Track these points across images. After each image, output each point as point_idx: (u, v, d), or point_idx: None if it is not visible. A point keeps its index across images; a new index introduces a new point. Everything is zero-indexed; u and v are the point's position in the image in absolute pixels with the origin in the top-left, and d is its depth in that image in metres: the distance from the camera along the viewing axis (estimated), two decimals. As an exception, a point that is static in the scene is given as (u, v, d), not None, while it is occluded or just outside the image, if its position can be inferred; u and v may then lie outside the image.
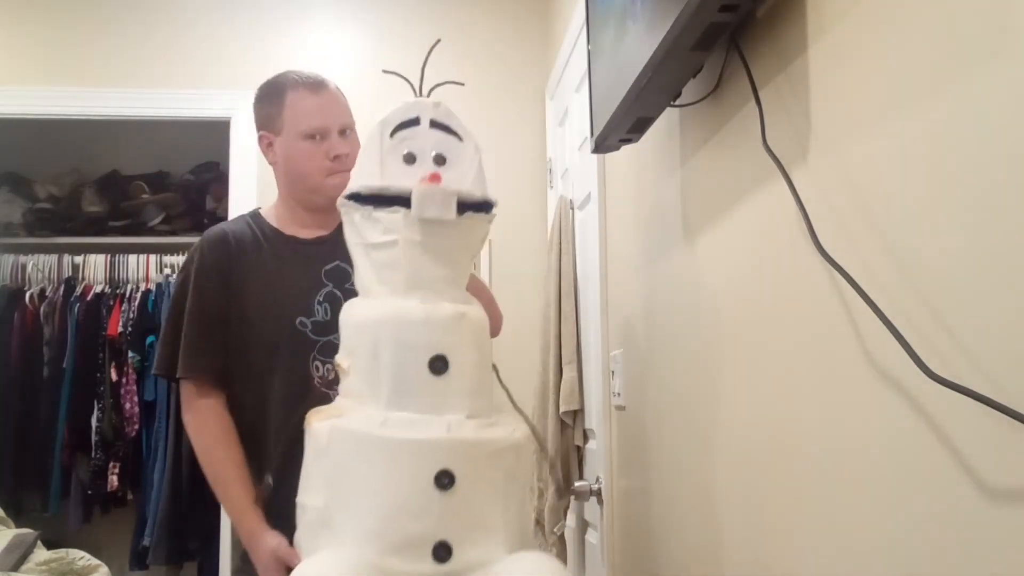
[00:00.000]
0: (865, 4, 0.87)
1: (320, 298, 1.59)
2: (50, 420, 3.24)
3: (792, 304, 1.04)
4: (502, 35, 3.10)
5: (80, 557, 1.51)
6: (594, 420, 2.13)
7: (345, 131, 1.62)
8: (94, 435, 3.23)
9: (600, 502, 2.07)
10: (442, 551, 1.13)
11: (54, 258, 3.45)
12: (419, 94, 1.26)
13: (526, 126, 3.04)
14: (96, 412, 3.24)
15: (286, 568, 1.37)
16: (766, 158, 1.04)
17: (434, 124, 1.23)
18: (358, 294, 1.31)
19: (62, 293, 3.36)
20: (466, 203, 1.21)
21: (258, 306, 1.60)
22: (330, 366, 1.53)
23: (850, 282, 0.85)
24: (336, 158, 1.59)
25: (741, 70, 1.13)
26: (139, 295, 3.35)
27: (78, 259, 3.44)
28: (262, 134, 1.68)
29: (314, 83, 1.65)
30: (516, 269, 2.99)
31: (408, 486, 1.13)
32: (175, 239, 3.54)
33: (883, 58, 0.84)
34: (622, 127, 1.41)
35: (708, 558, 1.35)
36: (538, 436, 1.36)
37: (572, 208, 2.38)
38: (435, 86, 1.25)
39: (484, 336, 1.26)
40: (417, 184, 1.18)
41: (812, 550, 0.98)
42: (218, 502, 1.59)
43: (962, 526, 0.70)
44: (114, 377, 3.26)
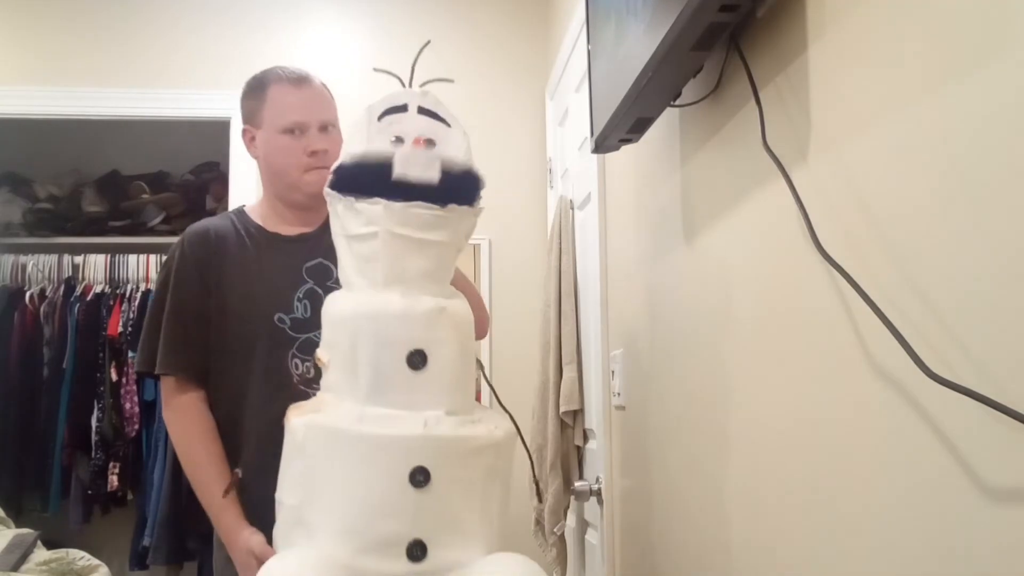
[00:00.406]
0: (865, 4, 0.87)
1: (300, 295, 1.58)
2: (50, 420, 3.24)
3: (792, 304, 1.04)
4: (502, 35, 3.10)
5: (80, 557, 1.51)
6: (594, 420, 2.13)
7: (327, 127, 1.60)
8: (94, 435, 3.22)
9: (600, 502, 2.07)
10: (417, 550, 1.11)
11: (54, 258, 3.44)
12: (407, 87, 1.24)
13: (526, 126, 3.04)
14: (96, 412, 3.24)
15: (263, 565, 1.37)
16: (766, 158, 1.04)
17: (422, 111, 1.21)
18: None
19: (62, 293, 3.36)
20: (451, 188, 1.17)
21: (237, 302, 1.59)
22: (309, 364, 1.53)
23: (850, 282, 0.85)
24: (313, 154, 1.58)
25: (741, 70, 1.13)
26: (139, 295, 3.35)
27: (78, 259, 3.44)
28: (245, 128, 1.68)
29: (296, 78, 1.64)
30: (516, 269, 2.99)
31: (382, 483, 1.11)
32: (175, 239, 3.52)
33: (883, 58, 0.84)
34: (622, 127, 1.41)
35: (708, 558, 1.35)
36: (522, 434, 1.33)
37: (572, 208, 2.38)
38: (425, 83, 1.24)
39: (466, 331, 1.23)
40: (400, 148, 1.16)
41: (812, 550, 0.98)
42: None
43: (962, 526, 0.70)
44: (114, 377, 3.26)
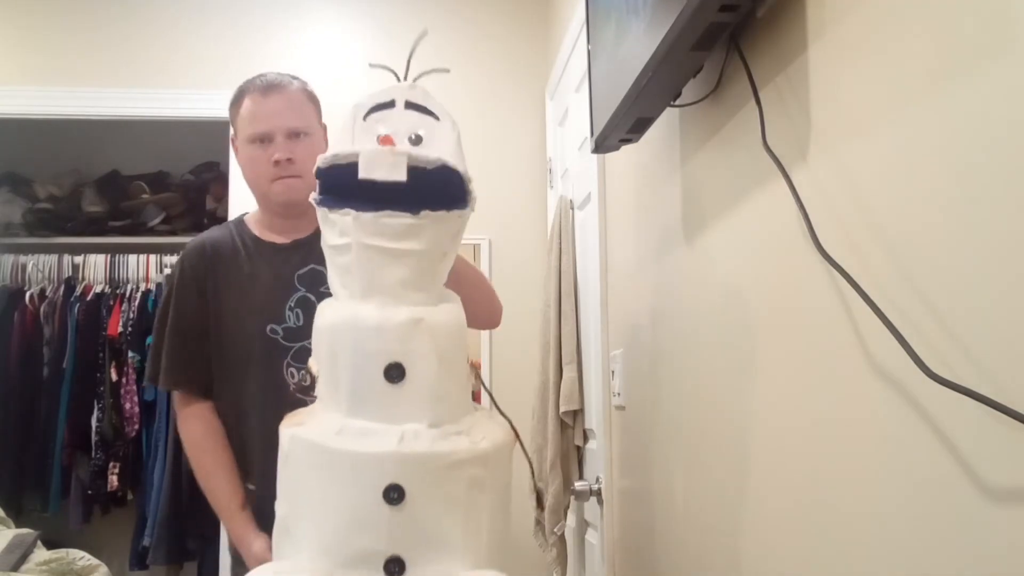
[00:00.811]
0: (865, 4, 0.87)
1: (292, 304, 1.59)
2: (50, 420, 3.24)
3: (792, 304, 1.04)
4: (502, 35, 3.10)
5: (80, 557, 1.50)
6: (594, 420, 2.13)
7: (296, 135, 1.59)
8: (94, 435, 3.23)
9: (600, 502, 2.07)
10: (394, 566, 1.09)
11: (54, 258, 3.45)
12: (403, 80, 1.21)
13: (526, 126, 3.04)
14: (96, 412, 3.24)
15: None
16: (766, 158, 1.04)
17: (409, 105, 1.17)
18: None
19: (62, 293, 3.36)
20: (429, 191, 1.11)
21: (231, 315, 1.61)
22: (305, 371, 1.54)
23: (850, 282, 0.85)
24: (277, 163, 1.57)
25: (741, 70, 1.13)
26: (139, 295, 3.35)
27: (78, 259, 3.44)
28: (231, 138, 1.69)
29: (266, 86, 1.63)
30: (516, 269, 2.99)
31: (357, 500, 1.09)
32: (175, 239, 3.54)
33: (883, 58, 0.84)
34: (622, 127, 1.41)
35: (708, 558, 1.35)
36: (521, 440, 1.30)
37: (572, 208, 2.38)
38: (420, 75, 1.20)
39: (450, 340, 1.18)
40: (366, 146, 1.11)
41: (812, 549, 0.98)
42: None
43: (962, 526, 0.70)
44: (114, 377, 3.26)
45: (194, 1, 3.05)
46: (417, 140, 1.15)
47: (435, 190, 1.11)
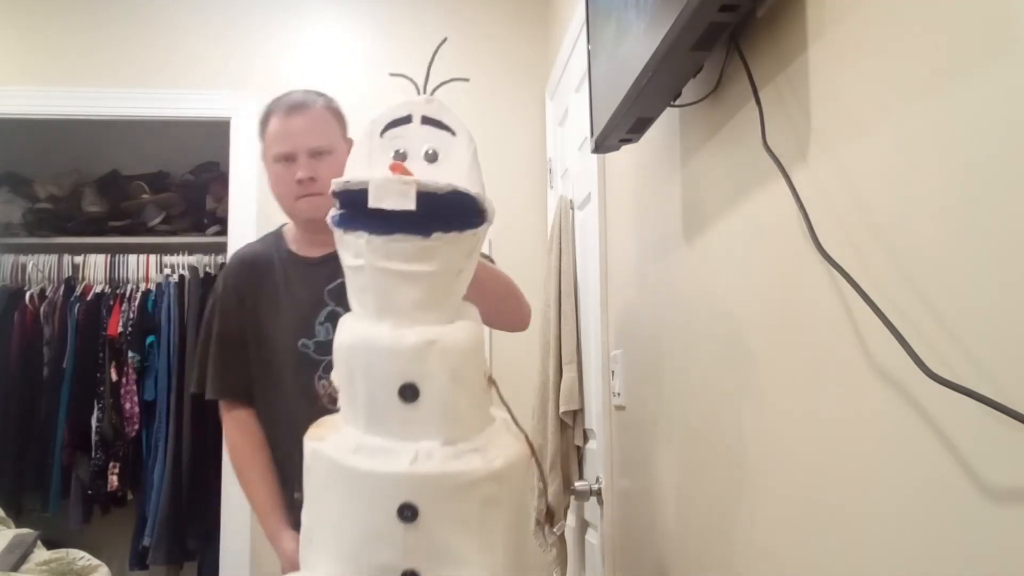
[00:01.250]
0: (865, 4, 0.87)
1: (322, 318, 1.65)
2: (50, 420, 3.24)
3: (792, 304, 1.04)
4: (502, 35, 3.10)
5: (80, 557, 1.50)
6: (594, 420, 2.13)
7: (320, 154, 1.65)
8: (94, 435, 3.23)
9: (600, 502, 2.07)
10: None
11: (54, 258, 3.45)
12: (422, 93, 1.22)
13: (526, 126, 3.04)
14: (96, 412, 3.24)
15: None
16: (766, 158, 1.04)
17: (426, 120, 1.18)
18: None
19: (62, 293, 3.36)
20: (437, 217, 1.11)
21: (266, 328, 1.70)
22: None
23: (850, 282, 0.85)
24: (299, 182, 1.63)
25: (741, 70, 1.13)
26: (139, 295, 3.35)
27: (78, 259, 3.44)
28: (262, 153, 1.76)
29: (291, 106, 1.68)
30: (516, 269, 2.97)
31: (372, 517, 1.12)
32: (175, 239, 3.54)
33: (883, 58, 0.84)
34: (622, 127, 1.41)
35: (708, 558, 1.35)
36: (537, 457, 1.30)
37: (572, 208, 2.38)
38: (439, 84, 1.21)
39: (464, 359, 1.18)
40: (376, 174, 1.11)
41: (812, 549, 0.98)
42: (218, 502, 1.64)
43: (962, 526, 0.70)
44: (114, 377, 3.26)
45: (194, 1, 3.05)
46: (433, 156, 1.16)
47: (451, 207, 1.12)
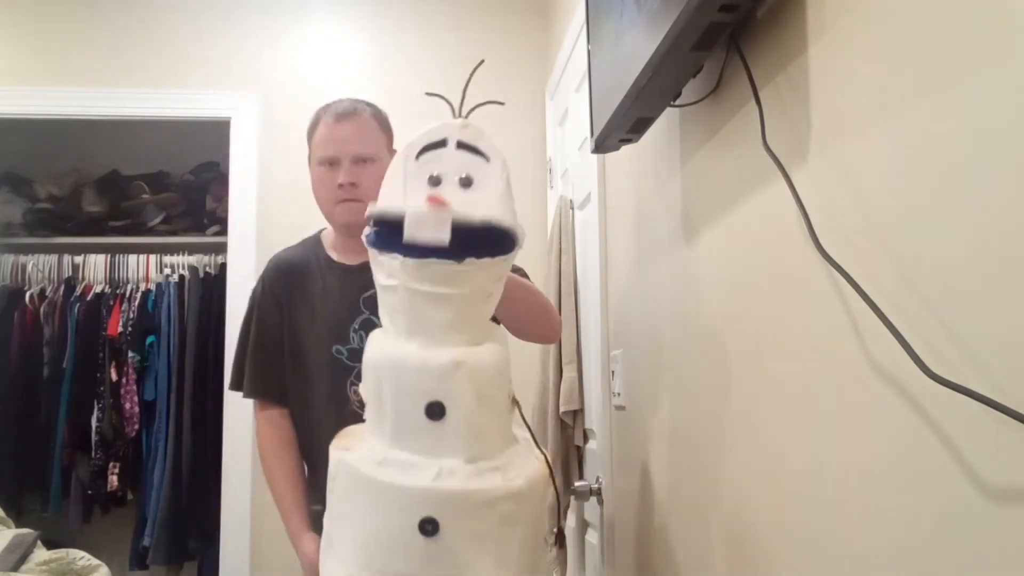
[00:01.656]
0: (865, 4, 0.87)
1: (356, 326, 1.69)
2: (50, 420, 3.24)
3: (792, 304, 1.04)
4: (502, 35, 3.10)
5: (80, 557, 1.50)
6: (594, 420, 2.13)
7: (363, 161, 1.69)
8: (94, 435, 3.23)
9: (600, 502, 2.07)
10: None
11: (54, 258, 3.45)
12: (458, 115, 1.22)
13: (526, 126, 3.03)
14: (96, 412, 3.24)
15: None
16: (766, 158, 1.04)
17: (461, 145, 1.19)
18: None
19: (62, 293, 3.36)
20: (469, 242, 1.13)
21: (301, 333, 1.74)
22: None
23: (850, 282, 0.85)
24: (341, 186, 1.67)
25: (741, 70, 1.13)
26: (139, 295, 3.35)
27: (78, 259, 3.44)
28: (308, 156, 1.79)
29: (341, 113, 1.73)
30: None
31: (394, 529, 1.15)
32: (175, 239, 3.54)
33: (883, 58, 0.84)
34: (622, 127, 1.41)
35: (708, 558, 1.35)
36: (555, 477, 1.33)
37: (572, 208, 2.37)
38: (475, 107, 1.22)
39: (490, 380, 1.22)
40: (413, 207, 1.14)
41: (812, 549, 0.98)
42: (218, 502, 1.64)
43: (962, 526, 0.70)
44: (114, 377, 3.26)
45: (194, 1, 3.05)
46: (467, 181, 1.18)
47: (483, 233, 1.15)
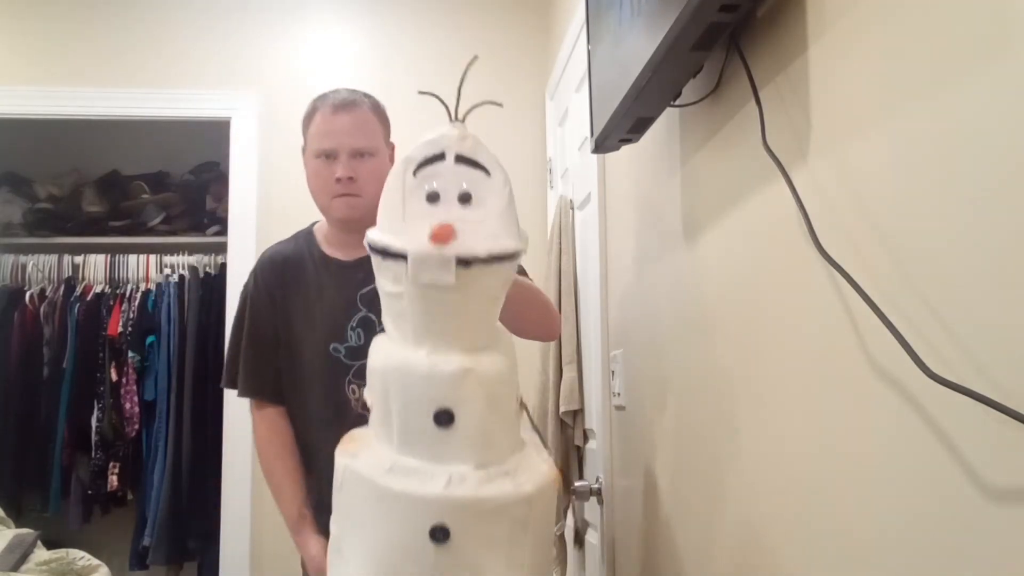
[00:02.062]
0: (865, 4, 0.87)
1: (354, 324, 1.64)
2: (50, 420, 3.24)
3: (792, 304, 1.04)
4: (502, 35, 3.10)
5: (80, 557, 1.51)
6: (594, 420, 2.13)
7: (361, 155, 1.64)
8: (94, 435, 3.23)
9: (600, 502, 2.07)
10: None
11: (54, 258, 3.45)
12: (454, 116, 1.19)
13: (526, 126, 3.03)
14: (96, 412, 3.24)
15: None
16: (766, 158, 1.04)
17: (460, 159, 1.16)
18: None
19: (62, 293, 3.36)
20: (471, 259, 1.12)
21: (296, 330, 1.69)
22: (365, 389, 1.56)
23: (850, 282, 0.85)
24: (338, 180, 1.62)
25: (741, 70, 1.13)
26: (139, 295, 3.35)
27: (78, 259, 3.44)
28: (302, 147, 1.74)
29: (339, 104, 1.67)
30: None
31: (404, 536, 1.14)
32: (175, 239, 3.54)
33: (883, 58, 0.84)
34: (622, 127, 1.41)
35: (708, 558, 1.35)
36: (566, 480, 1.34)
37: (572, 208, 2.37)
38: (471, 108, 1.18)
39: (499, 387, 1.20)
40: (416, 244, 1.11)
41: (811, 549, 0.98)
42: (218, 502, 1.63)
43: (962, 526, 0.70)
44: (114, 377, 3.26)
45: (195, 2, 3.05)
46: (466, 198, 1.15)
47: None
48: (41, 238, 3.52)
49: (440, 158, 1.16)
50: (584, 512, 2.30)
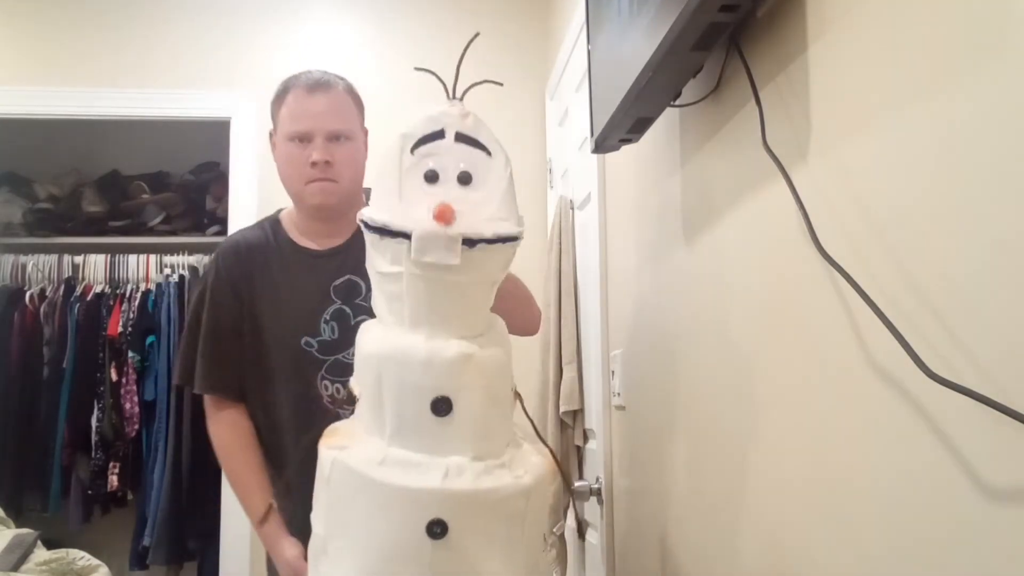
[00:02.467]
0: (865, 4, 0.87)
1: (327, 316, 1.54)
2: (50, 420, 3.24)
3: (792, 304, 1.04)
4: (502, 35, 3.10)
5: (80, 557, 1.51)
6: (594, 420, 2.13)
7: (337, 138, 1.54)
8: (94, 435, 3.22)
9: (600, 502, 2.07)
10: None
11: (54, 258, 3.44)
12: (452, 95, 1.14)
13: (526, 126, 3.03)
14: (96, 412, 3.24)
15: None
16: (766, 158, 1.04)
17: (460, 137, 1.11)
18: (369, 310, 1.25)
19: (62, 293, 3.36)
20: (476, 239, 1.08)
21: (264, 323, 1.58)
22: (339, 385, 1.51)
23: (850, 282, 0.85)
24: (314, 164, 1.52)
25: (741, 70, 1.13)
26: (139, 295, 3.35)
27: (78, 259, 3.44)
28: (270, 131, 1.65)
29: (313, 84, 1.58)
30: (516, 269, 2.98)
31: (400, 532, 1.09)
32: (175, 239, 3.54)
33: (883, 58, 0.84)
34: (622, 127, 1.41)
35: (708, 558, 1.35)
36: (564, 472, 1.30)
37: (572, 208, 2.37)
38: (470, 86, 1.13)
39: (496, 375, 1.17)
40: (420, 223, 1.06)
41: (811, 549, 0.98)
42: (218, 502, 1.60)
43: (962, 526, 0.70)
44: (114, 377, 3.26)
45: (195, 1, 3.05)
46: (466, 178, 1.11)
47: None
48: (41, 238, 3.52)
49: (439, 136, 1.12)
50: (584, 512, 2.30)
